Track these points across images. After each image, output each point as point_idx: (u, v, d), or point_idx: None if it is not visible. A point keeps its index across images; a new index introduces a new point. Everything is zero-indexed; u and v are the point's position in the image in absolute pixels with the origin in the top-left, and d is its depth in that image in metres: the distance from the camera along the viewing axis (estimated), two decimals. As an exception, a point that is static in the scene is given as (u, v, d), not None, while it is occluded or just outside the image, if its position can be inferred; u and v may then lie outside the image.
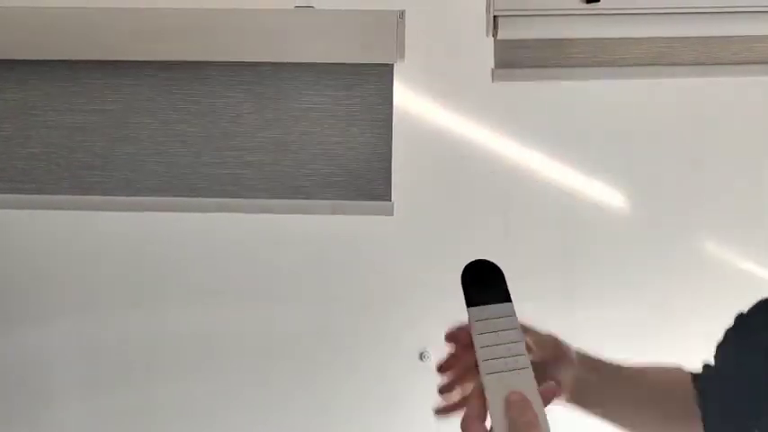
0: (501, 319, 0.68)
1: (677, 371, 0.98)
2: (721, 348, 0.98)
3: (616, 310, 1.66)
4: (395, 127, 1.39)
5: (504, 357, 0.64)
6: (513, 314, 0.69)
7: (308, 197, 1.40)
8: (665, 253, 1.69)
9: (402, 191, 1.41)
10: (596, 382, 0.88)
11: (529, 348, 0.69)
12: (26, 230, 1.48)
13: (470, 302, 0.70)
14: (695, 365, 0.98)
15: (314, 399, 1.52)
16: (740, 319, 0.98)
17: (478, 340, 0.66)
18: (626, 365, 0.94)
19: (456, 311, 0.72)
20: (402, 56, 1.37)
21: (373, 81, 1.39)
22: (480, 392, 0.63)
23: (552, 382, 0.66)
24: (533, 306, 1.67)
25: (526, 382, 0.63)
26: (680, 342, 1.65)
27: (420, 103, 1.52)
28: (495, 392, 0.62)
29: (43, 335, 1.50)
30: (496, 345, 0.65)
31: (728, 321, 0.93)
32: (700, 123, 1.68)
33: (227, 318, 1.49)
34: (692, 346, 1.73)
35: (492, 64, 1.35)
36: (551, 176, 1.66)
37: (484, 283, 0.71)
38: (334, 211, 1.39)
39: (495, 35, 1.36)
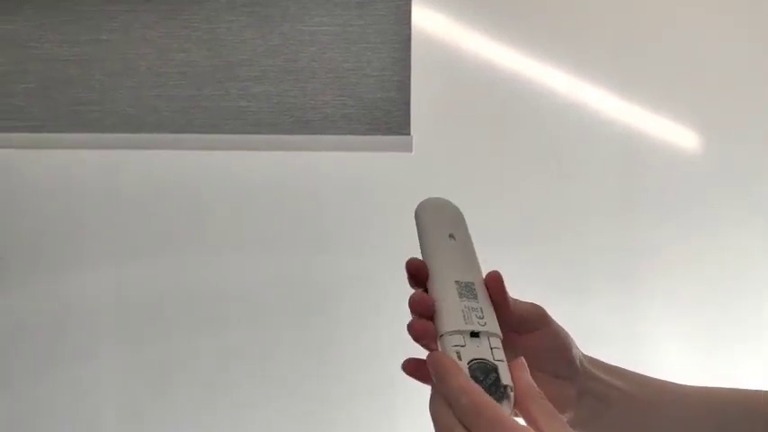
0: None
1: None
2: None
3: (684, 265, 1.46)
4: (414, 50, 1.22)
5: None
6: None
7: (318, 132, 1.26)
8: (743, 200, 1.47)
9: (423, 124, 1.24)
10: (631, 396, 0.57)
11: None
12: (25, 171, 1.41)
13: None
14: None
15: (334, 346, 1.41)
16: None
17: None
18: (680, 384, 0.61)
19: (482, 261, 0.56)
20: (421, -33, 1.19)
21: (389, -3, 1.23)
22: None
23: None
24: (592, 259, 1.51)
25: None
26: (760, 305, 1.45)
27: (444, 21, 1.33)
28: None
29: (53, 283, 1.44)
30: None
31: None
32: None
33: (237, 264, 1.38)
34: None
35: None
36: (607, 110, 1.45)
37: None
38: (346, 147, 1.25)
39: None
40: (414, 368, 0.52)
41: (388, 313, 1.29)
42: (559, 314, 0.57)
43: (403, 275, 0.54)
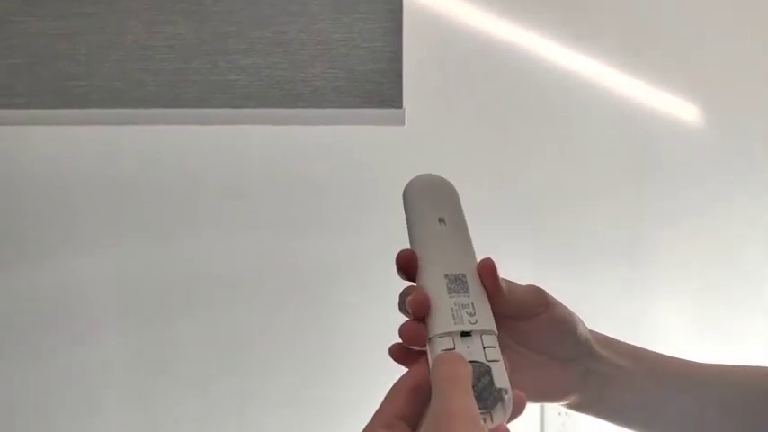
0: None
1: None
2: None
3: (690, 242, 1.42)
4: (406, 20, 1.19)
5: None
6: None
7: (308, 105, 1.23)
8: (749, 174, 1.43)
9: (416, 96, 1.21)
10: (638, 375, 0.54)
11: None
12: (12, 148, 1.38)
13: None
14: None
15: (331, 331, 1.39)
16: None
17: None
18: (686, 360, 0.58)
19: (480, 242, 0.53)
20: (412, -68, 1.15)
21: (379, -35, 1.19)
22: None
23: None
24: (594, 238, 1.48)
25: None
26: (764, 282, 1.42)
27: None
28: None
29: (38, 267, 1.42)
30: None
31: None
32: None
33: (226, 242, 1.36)
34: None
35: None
36: (608, 83, 1.41)
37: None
38: (337, 121, 1.22)
39: None
40: (401, 354, 0.48)
41: (377, 293, 1.27)
42: (560, 290, 0.54)
43: (393, 259, 0.51)
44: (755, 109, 1.42)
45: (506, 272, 0.50)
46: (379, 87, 1.21)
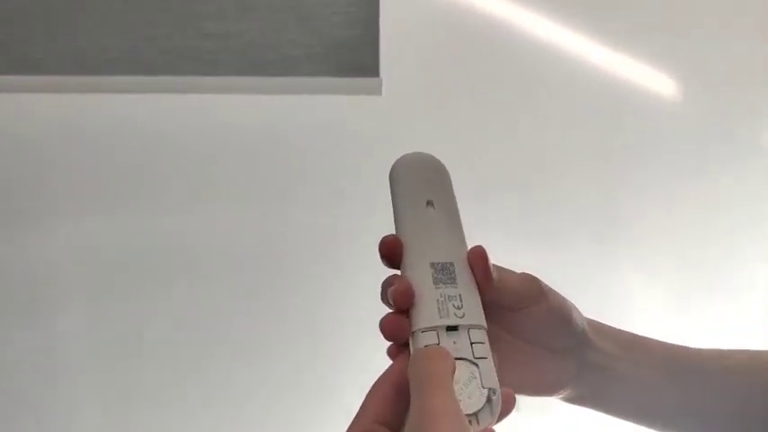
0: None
1: None
2: None
3: (663, 214, 1.42)
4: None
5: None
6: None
7: (279, 73, 1.18)
8: (726, 151, 1.42)
9: (393, 65, 1.16)
10: (637, 366, 0.51)
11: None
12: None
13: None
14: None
15: (312, 306, 1.36)
16: None
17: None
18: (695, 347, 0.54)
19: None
20: None
21: (355, -75, 1.13)
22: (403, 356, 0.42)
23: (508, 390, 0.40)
24: (569, 211, 1.46)
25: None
26: (740, 255, 1.41)
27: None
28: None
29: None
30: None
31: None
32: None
33: (196, 215, 1.31)
34: (756, 258, 1.50)
35: None
36: (586, 56, 1.38)
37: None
38: (309, 90, 1.17)
39: None
40: (398, 354, 0.44)
41: (350, 271, 1.23)
42: (538, 263, 0.51)
43: (370, 230, 0.47)
44: (733, 84, 1.39)
45: (484, 248, 0.46)
46: (353, 55, 1.16)
